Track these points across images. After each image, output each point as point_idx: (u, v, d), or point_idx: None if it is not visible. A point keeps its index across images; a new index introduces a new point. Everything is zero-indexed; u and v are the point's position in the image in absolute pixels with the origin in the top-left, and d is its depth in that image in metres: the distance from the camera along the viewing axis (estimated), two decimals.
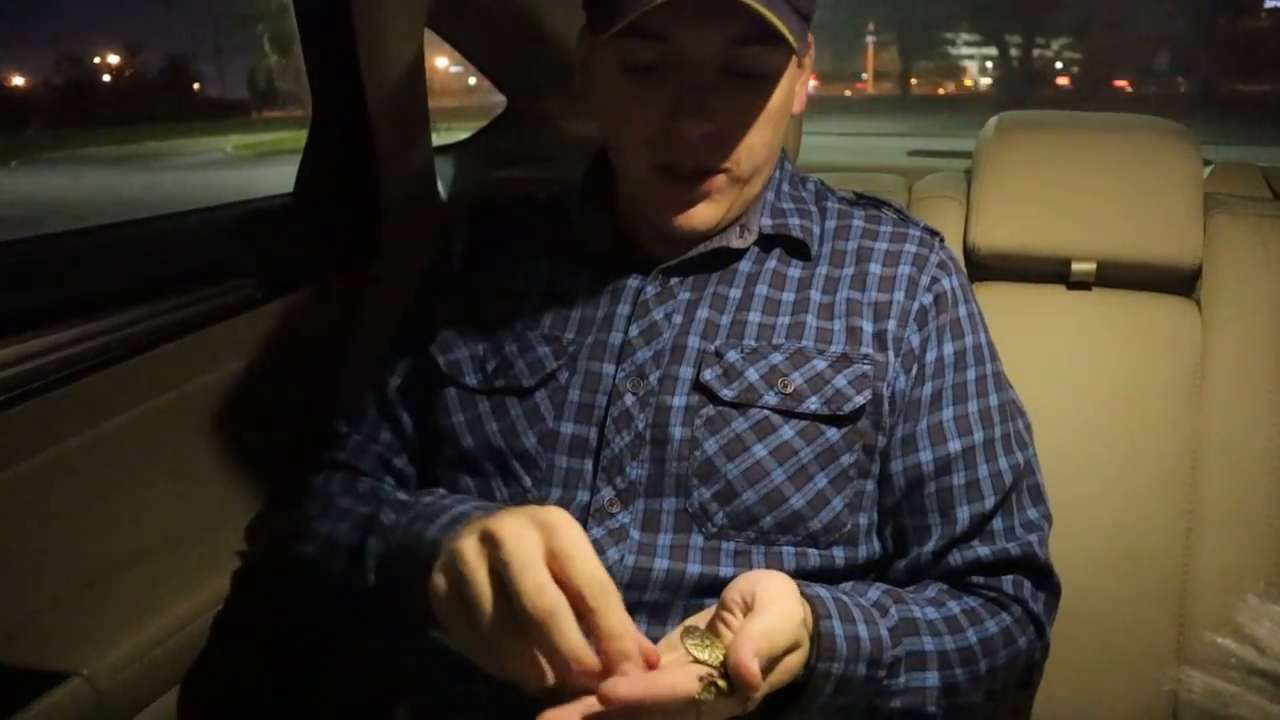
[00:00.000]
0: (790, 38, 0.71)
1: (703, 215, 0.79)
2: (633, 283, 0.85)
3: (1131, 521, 1.05)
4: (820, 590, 0.70)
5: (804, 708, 0.65)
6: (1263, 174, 1.26)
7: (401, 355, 0.92)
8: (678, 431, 0.78)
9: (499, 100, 1.71)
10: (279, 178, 1.36)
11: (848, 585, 0.77)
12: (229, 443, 1.09)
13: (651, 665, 0.56)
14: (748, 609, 0.62)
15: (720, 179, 0.78)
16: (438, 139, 1.45)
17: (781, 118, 0.81)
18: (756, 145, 0.79)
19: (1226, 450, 1.05)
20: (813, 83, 0.94)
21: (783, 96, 0.79)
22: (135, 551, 0.96)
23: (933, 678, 0.72)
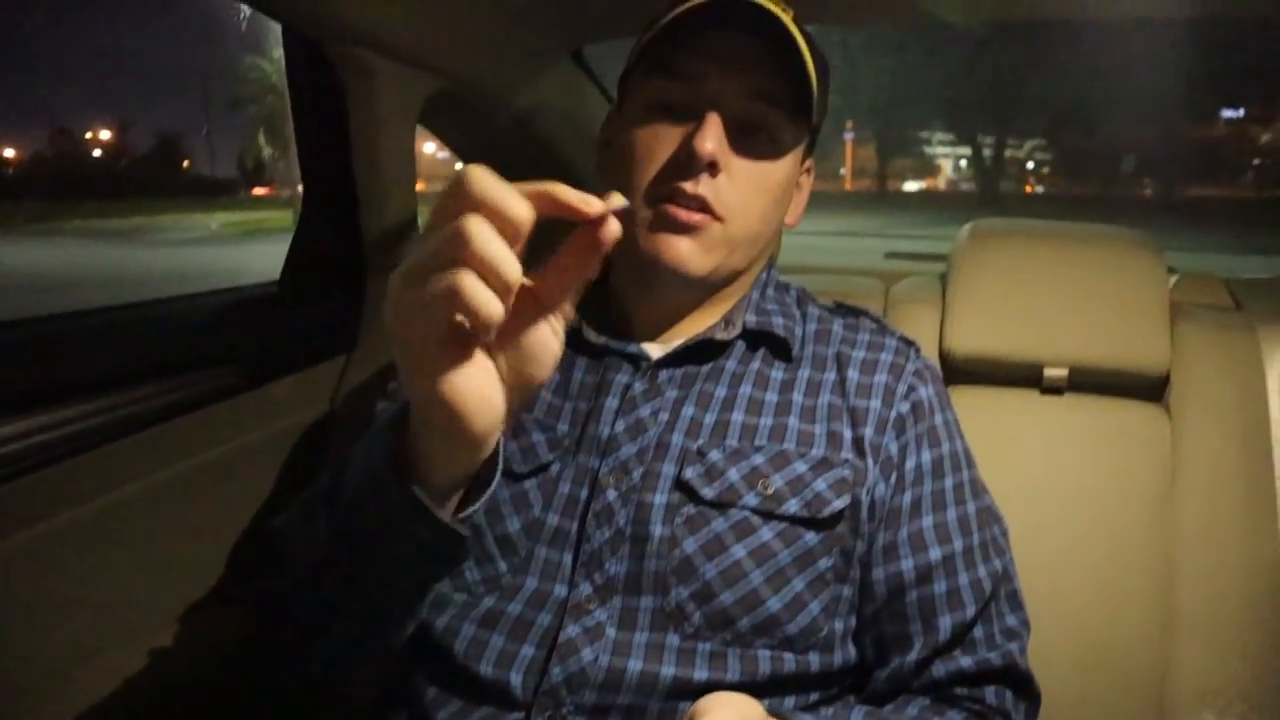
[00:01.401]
0: (814, 89, 0.79)
1: (689, 253, 0.80)
2: (622, 377, 0.85)
3: (1108, 628, 1.05)
4: (805, 717, 0.70)
5: None
6: (1225, 285, 1.30)
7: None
8: (658, 529, 0.78)
9: None
10: (262, 256, 1.38)
11: (828, 711, 0.77)
12: (209, 531, 1.08)
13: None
14: None
15: (715, 225, 0.80)
16: None
17: (780, 197, 0.85)
18: (753, 207, 0.82)
19: (1199, 558, 1.06)
20: None
21: (785, 174, 0.84)
22: (107, 639, 0.94)
23: None
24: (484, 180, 0.49)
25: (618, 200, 0.50)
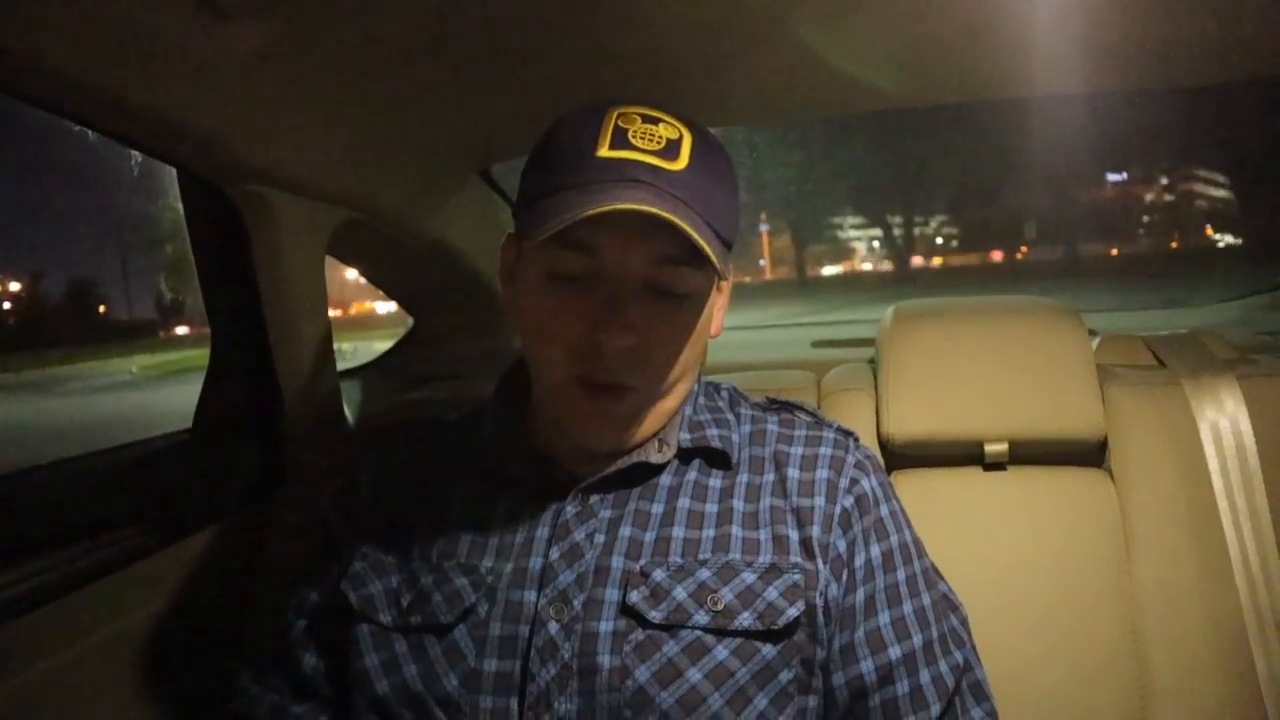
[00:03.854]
0: (714, 259, 0.73)
1: (617, 430, 0.79)
2: (552, 504, 0.82)
3: (1082, 702, 1.02)
4: None
5: None
6: (1145, 343, 1.33)
7: (309, 592, 0.87)
8: (606, 660, 0.73)
9: None
10: (183, 397, 1.33)
11: None
12: (130, 698, 1.00)
13: None
14: None
15: (635, 395, 0.78)
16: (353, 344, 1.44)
17: (700, 338, 0.82)
18: (673, 363, 0.79)
19: (1165, 622, 1.04)
20: None
21: (702, 317, 0.81)
22: None
23: None
24: None
25: None
